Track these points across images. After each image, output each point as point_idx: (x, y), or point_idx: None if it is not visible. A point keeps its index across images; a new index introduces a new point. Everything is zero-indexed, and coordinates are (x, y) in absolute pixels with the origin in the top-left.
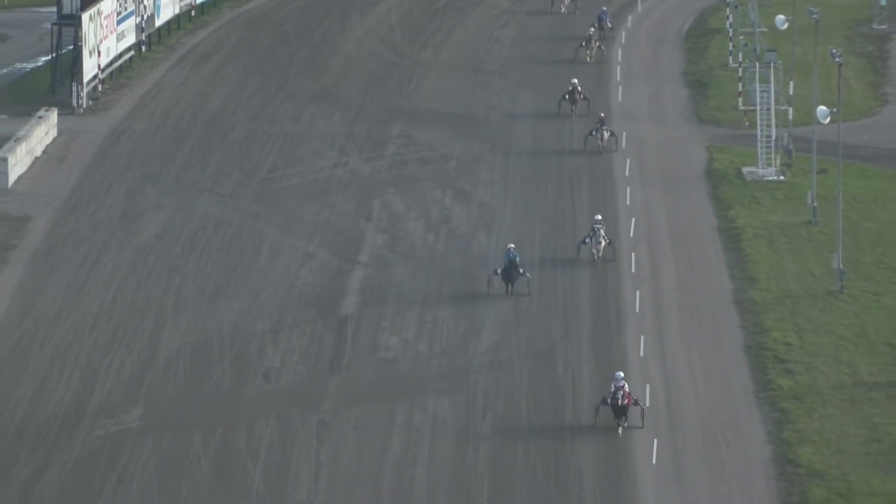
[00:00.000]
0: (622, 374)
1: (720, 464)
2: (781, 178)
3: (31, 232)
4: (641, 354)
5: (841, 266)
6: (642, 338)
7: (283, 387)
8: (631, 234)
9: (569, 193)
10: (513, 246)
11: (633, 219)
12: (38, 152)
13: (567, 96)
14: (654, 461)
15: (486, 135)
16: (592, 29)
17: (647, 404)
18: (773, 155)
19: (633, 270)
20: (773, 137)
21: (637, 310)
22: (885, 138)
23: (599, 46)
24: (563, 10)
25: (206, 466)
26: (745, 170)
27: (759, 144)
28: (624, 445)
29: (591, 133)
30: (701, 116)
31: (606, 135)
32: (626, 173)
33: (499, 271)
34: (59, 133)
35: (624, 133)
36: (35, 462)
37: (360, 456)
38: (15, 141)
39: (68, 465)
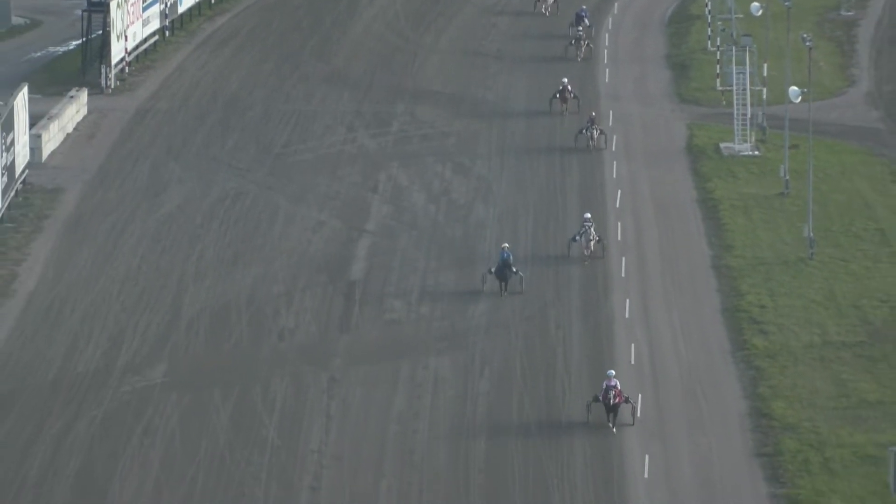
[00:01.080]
0: (614, 373)
1: (699, 417)
2: (756, 153)
3: (64, 203)
4: (627, 316)
5: (811, 234)
6: (627, 301)
7: (296, 346)
8: (617, 205)
9: (559, 167)
10: (507, 245)
11: (619, 191)
12: (70, 129)
13: (558, 95)
14: (638, 415)
15: (482, 113)
16: (581, 28)
17: (639, 404)
18: (748, 132)
19: (619, 239)
20: (749, 116)
21: (623, 275)
22: (852, 116)
23: (588, 45)
24: (545, 12)
25: (225, 419)
26: (722, 145)
27: (735, 122)
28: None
29: (581, 131)
30: (682, 96)
31: (596, 133)
32: (613, 148)
33: (493, 270)
34: (89, 112)
35: (611, 111)
36: (67, 415)
37: (367, 410)
38: (48, 119)
39: (98, 419)
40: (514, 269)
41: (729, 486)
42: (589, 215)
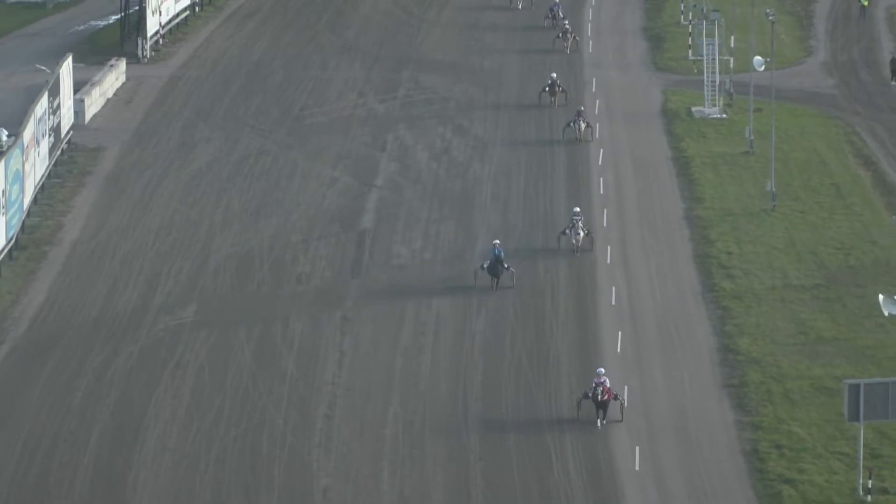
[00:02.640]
0: (603, 370)
1: (673, 352)
2: (724, 116)
3: (104, 160)
4: (608, 262)
5: (773, 189)
6: (609, 248)
7: (313, 288)
8: (600, 163)
9: (548, 128)
10: (498, 242)
11: (602, 150)
12: (110, 95)
13: (547, 89)
14: (618, 350)
15: (479, 80)
16: (567, 21)
17: (625, 398)
18: (716, 97)
19: (601, 192)
20: (717, 82)
21: (605, 225)
22: (810, 83)
23: (575, 38)
24: (519, 6)
25: (249, 355)
26: (693, 109)
27: (705, 88)
28: (593, 336)
29: (568, 124)
30: (657, 65)
31: (583, 126)
32: (596, 112)
33: (485, 266)
34: (127, 79)
35: (594, 78)
36: (107, 351)
37: (376, 346)
38: (90, 85)
39: (134, 354)
40: (506, 266)
41: (699, 413)
42: (578, 209)
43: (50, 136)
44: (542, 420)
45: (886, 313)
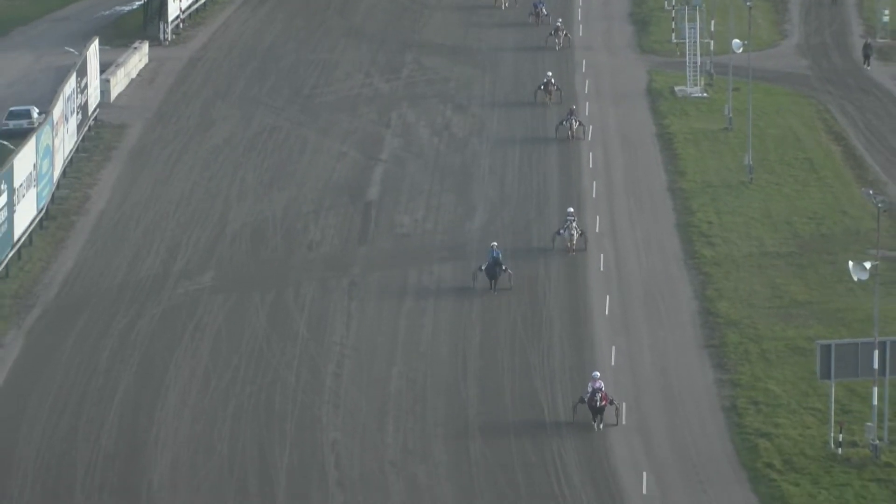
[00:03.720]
0: (599, 374)
1: (657, 314)
2: (704, 95)
3: (128, 136)
4: (597, 230)
5: (750, 162)
6: (598, 217)
7: (322, 255)
8: (589, 138)
9: (542, 106)
10: (496, 244)
11: (591, 126)
12: (133, 75)
13: (543, 87)
14: (606, 312)
15: (477, 62)
16: (560, 21)
17: (623, 404)
18: (698, 77)
19: (590, 166)
20: (699, 64)
21: (594, 196)
22: (785, 64)
23: (566, 35)
24: (504, 6)
25: (263, 317)
26: (676, 88)
27: (687, 69)
28: (584, 299)
29: (561, 123)
30: (643, 47)
31: (575, 124)
32: (586, 91)
33: (483, 268)
34: (150, 60)
35: (584, 60)
36: (131, 313)
37: (381, 308)
38: (115, 66)
39: (157, 316)
40: (504, 267)
41: (682, 372)
42: (572, 210)
43: (78, 113)
44: (534, 376)
45: (856, 278)
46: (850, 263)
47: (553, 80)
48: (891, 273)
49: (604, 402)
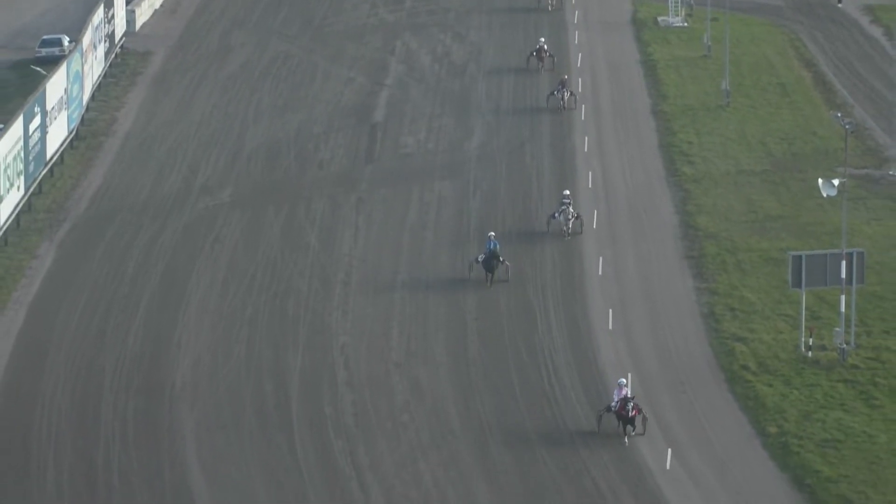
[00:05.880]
0: (625, 381)
1: (642, 229)
2: (685, 24)
3: (152, 63)
4: (586, 150)
5: (727, 87)
6: (586, 138)
7: (332, 173)
8: (578, 65)
9: (534, 35)
10: (493, 234)
11: (580, 54)
12: (157, 6)
13: (535, 53)
14: (594, 226)
15: None
16: None
17: (647, 414)
18: (679, 8)
19: (580, 90)
20: None
21: (583, 118)
22: None
23: None
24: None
25: (277, 231)
26: (659, 19)
27: (669, 0)
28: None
29: (552, 93)
30: None
31: (567, 95)
32: (575, 21)
33: (480, 260)
34: None
35: None
36: (155, 227)
37: (386, 223)
38: None
39: (179, 230)
40: (501, 259)
41: (664, 281)
42: (568, 192)
43: (105, 41)
44: (527, 283)
45: (825, 195)
46: (820, 180)
47: (546, 47)
48: (857, 189)
49: (634, 412)
